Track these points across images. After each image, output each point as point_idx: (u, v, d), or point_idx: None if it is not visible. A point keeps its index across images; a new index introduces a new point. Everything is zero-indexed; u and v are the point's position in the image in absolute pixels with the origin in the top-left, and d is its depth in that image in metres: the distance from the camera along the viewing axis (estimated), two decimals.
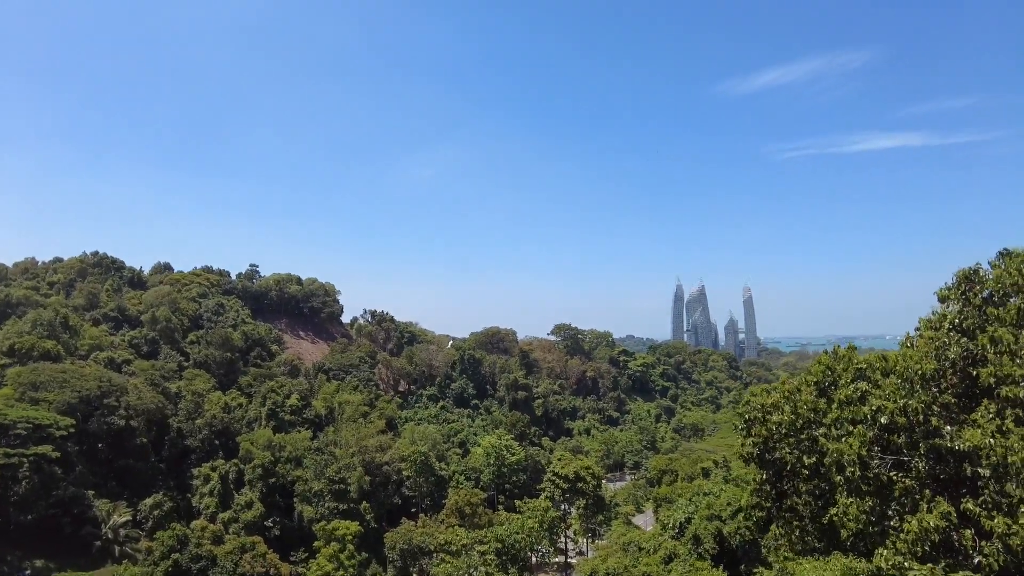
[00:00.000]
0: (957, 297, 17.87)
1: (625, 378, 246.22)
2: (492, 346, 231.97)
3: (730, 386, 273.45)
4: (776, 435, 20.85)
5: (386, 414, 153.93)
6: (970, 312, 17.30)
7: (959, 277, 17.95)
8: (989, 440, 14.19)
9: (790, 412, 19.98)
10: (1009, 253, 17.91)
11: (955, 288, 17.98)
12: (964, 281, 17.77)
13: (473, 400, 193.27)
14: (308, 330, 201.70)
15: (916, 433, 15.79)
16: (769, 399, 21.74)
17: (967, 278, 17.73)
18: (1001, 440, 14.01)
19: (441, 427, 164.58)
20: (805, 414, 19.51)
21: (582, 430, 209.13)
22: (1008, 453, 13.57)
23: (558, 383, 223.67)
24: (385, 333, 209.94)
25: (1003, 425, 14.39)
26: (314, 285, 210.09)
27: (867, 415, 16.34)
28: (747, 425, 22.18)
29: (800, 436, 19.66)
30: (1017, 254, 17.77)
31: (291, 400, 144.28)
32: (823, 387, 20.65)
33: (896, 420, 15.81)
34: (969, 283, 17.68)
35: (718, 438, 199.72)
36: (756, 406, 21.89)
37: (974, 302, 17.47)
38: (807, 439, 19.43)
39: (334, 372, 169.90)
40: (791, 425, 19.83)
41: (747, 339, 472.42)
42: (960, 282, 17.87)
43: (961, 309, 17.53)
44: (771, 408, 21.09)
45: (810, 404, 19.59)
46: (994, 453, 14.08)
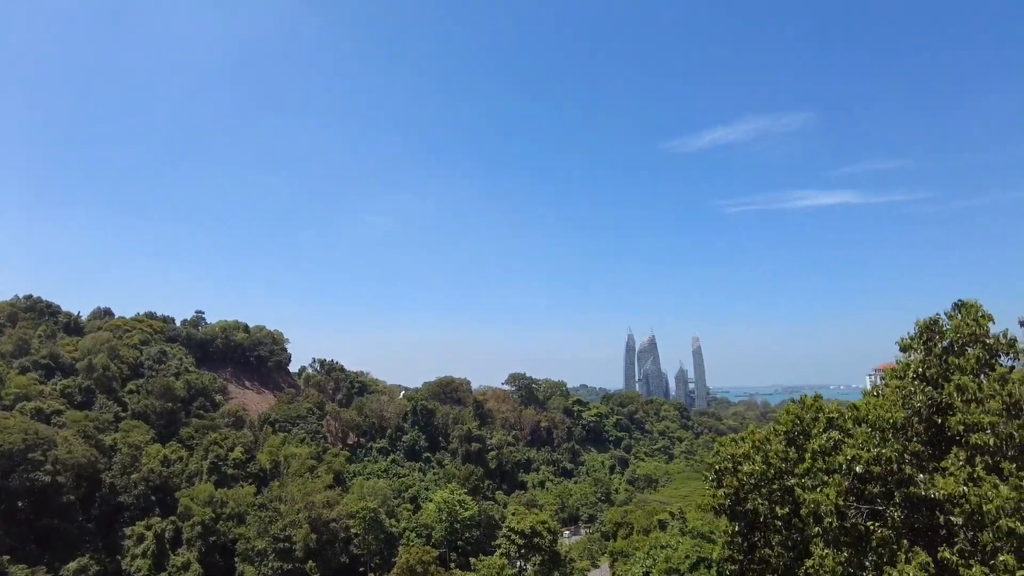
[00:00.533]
0: (919, 347, 18.28)
1: (579, 428, 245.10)
2: (446, 396, 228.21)
3: (682, 436, 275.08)
4: (747, 485, 20.65)
5: (334, 468, 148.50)
6: (932, 361, 17.69)
7: (920, 328, 18.43)
8: (963, 488, 14.29)
9: (761, 462, 19.85)
10: (964, 304, 18.52)
11: (917, 338, 18.43)
12: (925, 331, 18.23)
13: (425, 453, 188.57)
14: (254, 379, 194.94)
15: (890, 482, 15.84)
16: (739, 449, 21.61)
17: (928, 328, 18.20)
18: (974, 488, 14.12)
19: (391, 481, 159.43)
20: (776, 464, 19.41)
21: (536, 483, 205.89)
22: (983, 501, 13.66)
23: (512, 434, 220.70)
24: (334, 383, 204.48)
25: (974, 472, 14.53)
26: (262, 333, 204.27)
27: (842, 464, 16.35)
28: (717, 476, 21.93)
29: (772, 486, 19.50)
30: (971, 305, 18.38)
31: (235, 453, 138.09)
32: (792, 436, 20.66)
33: (871, 469, 15.84)
34: (930, 333, 18.14)
35: (672, 489, 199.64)
36: (726, 456, 21.72)
37: (935, 351, 17.91)
38: (779, 489, 19.28)
39: (280, 424, 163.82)
40: (763, 475, 19.67)
41: (697, 389, 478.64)
42: (921, 332, 18.33)
43: (924, 358, 17.92)
44: (742, 458, 20.94)
45: (781, 454, 19.52)
46: (968, 501, 14.16)
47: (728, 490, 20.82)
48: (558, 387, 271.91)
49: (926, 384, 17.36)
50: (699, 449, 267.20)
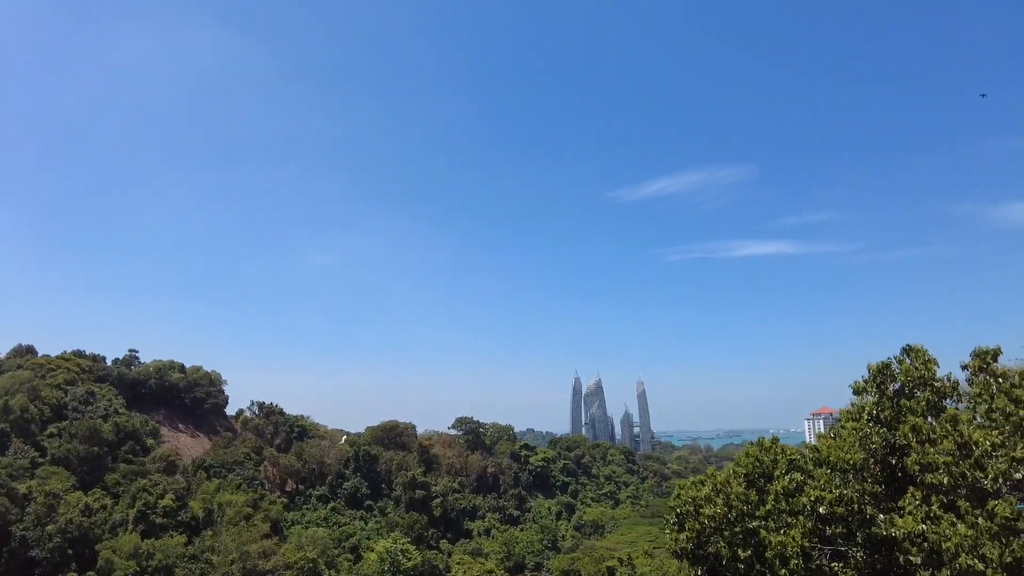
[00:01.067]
0: (872, 389, 18.99)
1: (526, 474, 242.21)
2: (390, 441, 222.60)
3: (627, 480, 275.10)
4: (708, 529, 20.71)
5: (271, 516, 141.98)
6: (885, 404, 18.37)
7: (873, 371, 19.17)
8: (921, 527, 14.71)
9: (723, 504, 19.99)
10: (912, 349, 19.41)
11: (870, 381, 19.14)
12: (878, 375, 18.96)
13: (367, 500, 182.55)
14: (189, 422, 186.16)
15: (852, 522, 16.19)
16: (700, 492, 21.73)
17: (880, 372, 18.95)
18: (932, 527, 14.55)
19: (331, 530, 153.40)
20: (738, 506, 19.58)
21: (482, 530, 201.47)
22: (941, 539, 14.08)
23: (458, 480, 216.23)
24: (273, 427, 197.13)
25: (931, 511, 15.00)
26: (198, 374, 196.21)
27: (806, 505, 16.64)
28: (679, 519, 21.94)
29: (734, 529, 19.62)
30: (919, 350, 19.29)
31: (165, 500, 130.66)
32: (752, 479, 20.94)
33: (834, 510, 16.17)
34: (882, 376, 18.88)
35: (618, 535, 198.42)
36: (687, 499, 21.79)
37: (887, 394, 18.63)
38: (741, 532, 19.41)
39: (216, 469, 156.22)
40: (724, 518, 19.80)
41: (641, 433, 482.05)
42: (874, 376, 19.06)
43: (877, 401, 18.59)
44: (703, 501, 21.04)
45: (742, 496, 19.73)
46: (926, 540, 14.57)
47: (690, 533, 20.83)
48: (505, 431, 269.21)
49: (881, 426, 17.97)
50: (644, 494, 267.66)
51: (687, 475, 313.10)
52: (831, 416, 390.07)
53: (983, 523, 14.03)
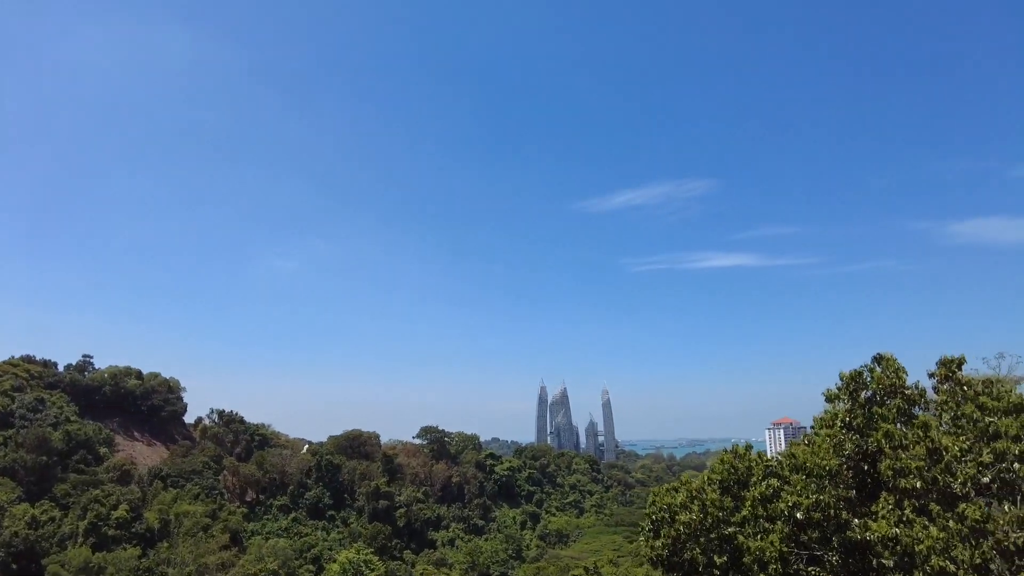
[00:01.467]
0: (845, 397, 19.42)
1: (491, 483, 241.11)
2: (353, 450, 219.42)
3: (592, 489, 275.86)
4: (683, 536, 20.87)
5: (231, 526, 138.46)
6: (857, 411, 18.81)
7: (846, 379, 19.61)
8: (895, 530, 15.06)
9: (699, 511, 20.17)
10: (883, 357, 19.94)
11: (843, 389, 19.58)
12: (851, 382, 19.41)
13: (329, 510, 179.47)
14: (145, 431, 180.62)
15: (828, 527, 16.49)
16: (676, 499, 21.89)
17: (853, 380, 19.40)
18: (906, 530, 14.91)
19: (293, 541, 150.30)
20: (714, 513, 19.77)
21: (446, 541, 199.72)
22: (914, 542, 14.43)
23: (422, 490, 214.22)
24: (233, 435, 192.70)
25: (904, 515, 15.37)
26: (156, 380, 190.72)
27: (783, 511, 16.89)
28: (654, 527, 22.06)
29: (709, 535, 19.80)
30: (889, 359, 19.82)
31: (118, 512, 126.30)
32: (727, 485, 21.19)
33: (812, 515, 16.45)
34: (855, 384, 19.34)
35: (583, 543, 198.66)
36: (662, 506, 21.92)
37: (859, 401, 19.09)
38: (717, 538, 19.60)
39: (173, 479, 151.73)
40: (700, 524, 19.97)
41: (606, 442, 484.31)
42: (847, 383, 19.51)
43: (850, 408, 19.02)
44: (679, 508, 21.20)
45: (717, 503, 19.93)
46: (899, 543, 14.91)
47: (666, 540, 20.95)
48: (471, 441, 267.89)
49: (853, 432, 18.39)
50: (609, 503, 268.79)
51: (651, 484, 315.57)
52: (791, 426, 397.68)
53: (954, 526, 14.42)
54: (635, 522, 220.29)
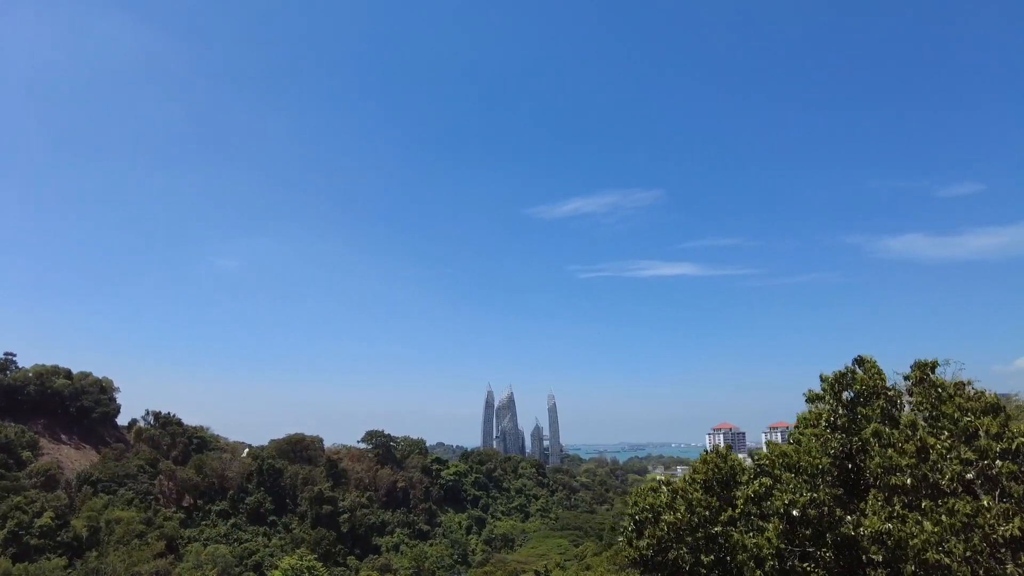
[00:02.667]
0: (831, 397, 19.97)
1: (437, 488, 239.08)
2: (295, 455, 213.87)
3: (538, 493, 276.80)
4: (668, 536, 21.00)
5: (166, 533, 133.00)
6: (841, 411, 19.37)
7: (830, 380, 20.17)
8: (887, 525, 15.52)
9: (685, 511, 20.34)
10: (863, 360, 20.61)
11: (827, 389, 20.13)
12: (835, 383, 19.98)
13: (271, 516, 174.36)
14: (73, 433, 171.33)
15: (822, 524, 16.87)
16: (659, 499, 22.04)
17: (838, 381, 19.97)
18: (899, 525, 15.38)
19: (233, 548, 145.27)
20: (701, 512, 19.97)
21: (390, 546, 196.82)
22: (908, 537, 14.89)
23: (367, 495, 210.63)
24: (170, 438, 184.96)
25: (894, 511, 15.86)
26: (87, 380, 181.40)
27: (779, 508, 17.19)
28: (638, 527, 22.12)
29: (696, 535, 19.98)
30: (870, 361, 20.50)
31: (42, 519, 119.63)
32: (710, 485, 21.46)
33: (808, 512, 16.80)
34: (840, 385, 19.91)
35: (529, 548, 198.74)
36: (646, 507, 22.02)
37: (843, 402, 19.66)
38: (703, 537, 19.79)
39: (104, 483, 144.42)
40: (687, 524, 20.13)
41: (551, 446, 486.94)
42: (832, 384, 20.06)
43: (835, 408, 19.57)
44: (663, 508, 21.34)
45: (703, 502, 20.15)
46: (891, 537, 15.38)
47: (651, 540, 21.04)
48: (417, 445, 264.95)
49: (839, 432, 18.91)
50: (554, 507, 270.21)
51: (596, 488, 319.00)
52: (731, 431, 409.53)
53: (946, 520, 14.96)
54: (581, 526, 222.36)
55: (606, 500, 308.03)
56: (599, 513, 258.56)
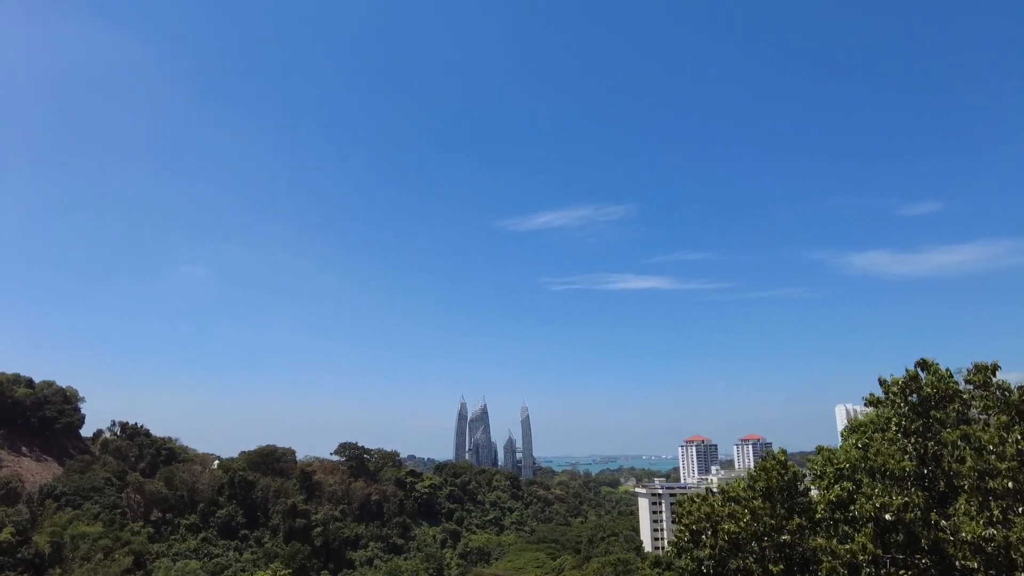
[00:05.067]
0: (900, 402, 19.48)
1: (412, 501, 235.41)
2: (267, 467, 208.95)
3: (512, 506, 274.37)
4: (727, 545, 20.26)
5: (134, 548, 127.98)
6: (912, 415, 18.88)
7: (899, 385, 19.69)
8: (991, 531, 14.99)
9: (750, 519, 19.62)
10: (927, 364, 20.19)
11: (896, 394, 19.65)
12: (905, 387, 19.49)
13: (243, 530, 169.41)
14: (35, 445, 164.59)
15: (915, 529, 16.27)
16: (715, 508, 21.30)
17: (907, 385, 19.49)
18: (1002, 530, 14.85)
19: (203, 563, 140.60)
20: (766, 520, 19.27)
21: (364, 560, 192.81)
22: (1020, 543, 14.36)
23: (340, 508, 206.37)
24: (138, 450, 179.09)
25: (993, 516, 15.35)
26: (50, 389, 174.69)
27: (869, 513, 16.56)
28: (693, 536, 21.34)
29: (762, 543, 19.27)
30: (934, 365, 20.11)
31: (2, 535, 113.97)
32: (769, 493, 20.81)
33: (903, 516, 16.19)
34: (909, 390, 19.44)
35: (506, 561, 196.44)
36: (701, 516, 21.26)
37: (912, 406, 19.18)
38: (771, 546, 19.09)
39: (69, 497, 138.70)
40: (752, 532, 19.41)
41: (524, 458, 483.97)
42: (901, 389, 19.58)
43: (905, 412, 19.07)
44: (722, 517, 20.59)
45: (768, 510, 19.47)
46: (992, 543, 14.85)
47: (712, 551, 20.26)
48: (391, 457, 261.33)
49: (913, 436, 18.42)
50: (529, 520, 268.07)
51: (570, 500, 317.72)
52: (703, 443, 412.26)
53: None
54: (557, 539, 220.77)
55: (580, 512, 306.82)
56: (574, 526, 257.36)
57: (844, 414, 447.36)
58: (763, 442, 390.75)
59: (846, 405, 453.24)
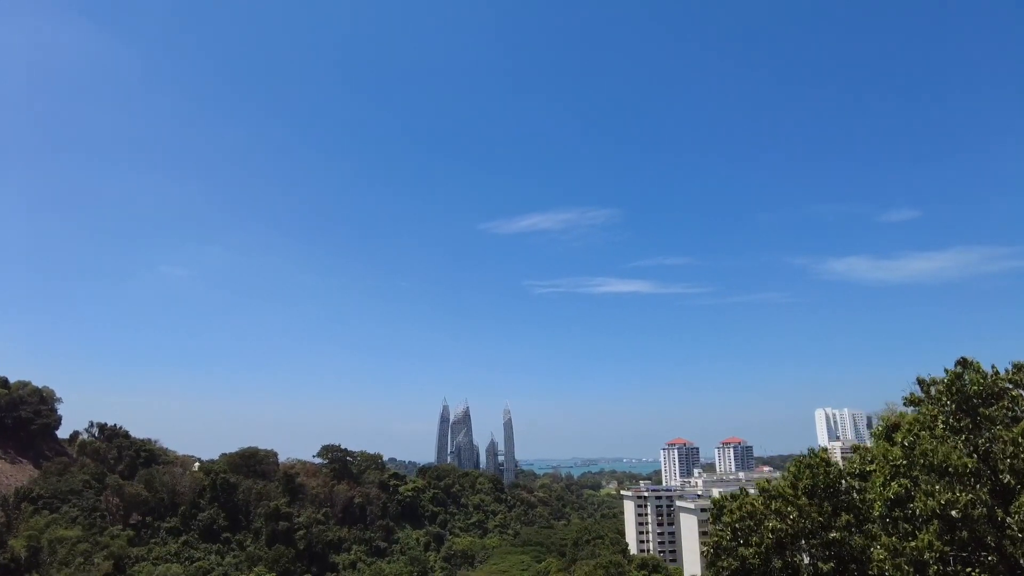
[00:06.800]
0: (947, 400, 19.33)
1: (395, 504, 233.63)
2: (249, 469, 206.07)
3: (496, 509, 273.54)
4: (771, 543, 19.97)
5: (114, 553, 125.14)
6: (960, 414, 18.74)
7: (946, 383, 19.54)
8: None
9: (797, 517, 19.35)
10: (968, 362, 20.08)
11: (944, 391, 19.49)
12: (951, 385, 19.34)
13: (224, 533, 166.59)
14: (10, 446, 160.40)
15: (980, 526, 16.09)
16: (757, 506, 21.01)
17: (952, 384, 19.33)
18: None
19: (185, 567, 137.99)
20: (814, 518, 19.01)
21: (347, 563, 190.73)
22: None
23: (323, 511, 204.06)
24: (117, 451, 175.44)
25: None
26: (26, 390, 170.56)
27: (933, 510, 16.34)
28: (735, 534, 21.02)
29: (810, 541, 19.02)
30: (974, 363, 20.01)
31: None
32: (812, 491, 20.57)
33: (969, 513, 15.99)
34: (955, 388, 19.29)
35: (491, 564, 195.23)
36: (744, 514, 20.96)
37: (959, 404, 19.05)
38: (819, 544, 18.84)
39: (46, 500, 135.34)
40: (801, 529, 19.14)
41: (506, 461, 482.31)
42: (948, 386, 19.43)
43: (953, 411, 18.93)
44: (766, 515, 20.31)
45: (816, 508, 19.21)
46: None
47: (757, 548, 19.95)
48: (374, 460, 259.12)
49: (963, 433, 18.29)
50: (513, 522, 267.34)
51: (553, 503, 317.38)
52: (685, 446, 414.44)
53: None
54: (541, 541, 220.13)
55: (563, 515, 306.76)
56: (558, 528, 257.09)
57: (824, 418, 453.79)
58: (744, 445, 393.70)
59: (825, 409, 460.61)
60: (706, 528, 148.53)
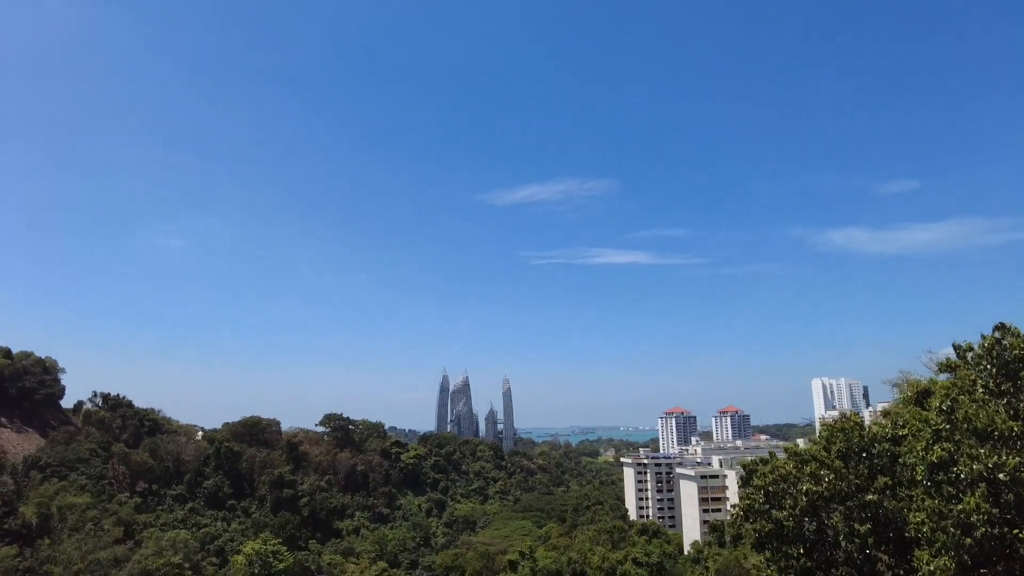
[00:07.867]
0: (986, 364, 19.34)
1: (397, 471, 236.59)
2: (252, 438, 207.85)
3: (496, 476, 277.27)
4: (805, 505, 20.15)
5: (123, 519, 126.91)
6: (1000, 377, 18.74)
7: (985, 348, 19.50)
8: None
9: (833, 479, 19.48)
10: (1006, 327, 20.04)
11: (984, 356, 19.49)
12: (991, 349, 19.31)
13: (230, 500, 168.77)
14: (15, 416, 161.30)
15: None
16: (789, 469, 21.15)
17: (992, 348, 19.30)
18: None
19: (192, 533, 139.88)
20: (851, 480, 19.14)
21: (351, 530, 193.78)
22: None
23: (326, 478, 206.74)
24: (121, 421, 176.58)
25: None
26: (29, 360, 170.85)
27: (980, 473, 16.44)
28: (768, 497, 21.20)
29: (847, 503, 19.17)
30: (1014, 329, 19.96)
31: None
32: (846, 454, 20.68)
33: (1018, 476, 16.07)
34: (995, 352, 19.27)
35: (493, 530, 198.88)
36: (778, 477, 21.11)
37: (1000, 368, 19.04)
38: (856, 506, 18.99)
39: (54, 468, 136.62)
40: (835, 492, 19.29)
41: (505, 430, 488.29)
42: (987, 351, 19.40)
43: (994, 374, 18.93)
44: (801, 477, 20.46)
45: (853, 470, 19.33)
46: None
47: (791, 511, 20.13)
48: (376, 428, 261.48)
49: (1005, 397, 18.32)
50: (513, 489, 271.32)
51: (552, 470, 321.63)
52: (683, 415, 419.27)
53: None
54: (542, 507, 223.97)
55: (562, 482, 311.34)
56: (557, 495, 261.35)
57: (820, 388, 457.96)
58: (741, 414, 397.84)
59: (822, 379, 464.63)
60: (706, 495, 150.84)
